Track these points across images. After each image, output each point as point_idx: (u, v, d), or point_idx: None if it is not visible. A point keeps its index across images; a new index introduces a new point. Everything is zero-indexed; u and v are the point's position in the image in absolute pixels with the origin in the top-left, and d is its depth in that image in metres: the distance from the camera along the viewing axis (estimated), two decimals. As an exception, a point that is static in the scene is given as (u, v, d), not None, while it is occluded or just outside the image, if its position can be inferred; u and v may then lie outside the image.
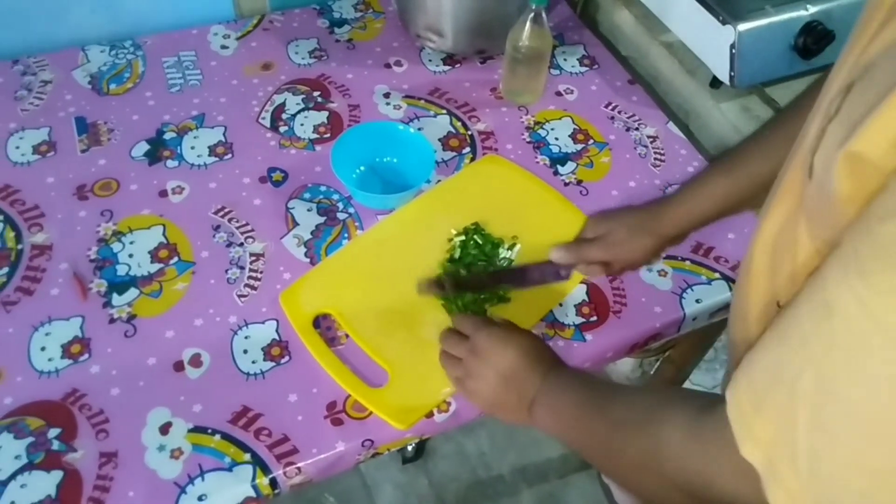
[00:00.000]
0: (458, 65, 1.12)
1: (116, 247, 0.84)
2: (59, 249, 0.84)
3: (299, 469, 0.70)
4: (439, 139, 1.01)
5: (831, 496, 0.36)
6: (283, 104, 1.03)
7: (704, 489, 0.43)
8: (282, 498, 0.71)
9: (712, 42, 0.93)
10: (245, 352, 0.77)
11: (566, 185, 0.97)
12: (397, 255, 0.86)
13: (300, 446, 0.70)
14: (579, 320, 0.83)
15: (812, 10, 0.90)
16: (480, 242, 0.86)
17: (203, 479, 0.68)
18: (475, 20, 1.04)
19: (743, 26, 0.89)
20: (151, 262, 0.83)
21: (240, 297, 0.81)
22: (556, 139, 1.02)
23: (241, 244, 0.86)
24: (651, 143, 1.03)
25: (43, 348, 0.75)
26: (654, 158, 1.01)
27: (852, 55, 0.40)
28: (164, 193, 0.90)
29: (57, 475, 0.67)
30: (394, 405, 0.73)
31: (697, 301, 0.85)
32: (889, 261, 0.31)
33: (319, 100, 1.04)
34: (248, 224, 0.88)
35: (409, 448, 1.47)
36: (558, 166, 0.99)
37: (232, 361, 0.76)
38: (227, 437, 0.71)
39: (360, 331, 0.78)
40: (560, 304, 0.84)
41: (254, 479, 0.68)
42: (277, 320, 0.79)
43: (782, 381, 0.37)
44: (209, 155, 0.95)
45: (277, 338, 0.78)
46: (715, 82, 0.99)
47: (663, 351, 1.18)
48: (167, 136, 0.97)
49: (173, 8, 1.12)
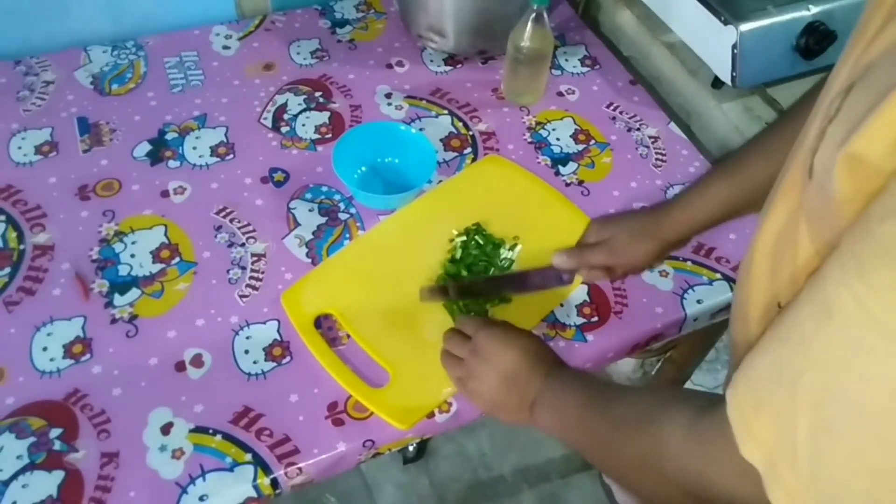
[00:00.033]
0: (460, 65, 1.12)
1: (118, 247, 0.85)
2: (60, 249, 0.84)
3: (300, 469, 0.70)
4: (441, 139, 1.01)
5: (833, 496, 0.36)
6: (285, 104, 1.03)
7: (705, 489, 0.43)
8: (283, 498, 0.71)
9: (714, 42, 0.93)
10: (246, 352, 0.77)
11: (567, 185, 0.97)
12: (399, 255, 0.86)
13: (301, 446, 0.70)
14: (580, 321, 0.83)
15: (814, 11, 0.90)
16: (482, 243, 0.86)
17: (204, 480, 0.68)
18: (477, 20, 1.04)
19: (745, 26, 0.89)
20: (153, 263, 0.83)
21: (241, 297, 0.81)
22: (558, 139, 1.02)
23: (243, 244, 0.86)
24: (652, 143, 1.03)
25: (45, 348, 0.76)
26: (656, 159, 1.01)
27: (852, 56, 0.40)
28: (165, 194, 0.91)
29: (58, 475, 0.67)
30: (395, 405, 0.73)
31: (699, 301, 0.85)
32: (888, 261, 0.31)
33: (321, 100, 1.04)
34: (249, 224, 0.88)
35: (411, 448, 1.47)
36: (559, 167, 0.99)
37: (233, 361, 0.76)
38: (228, 437, 0.71)
39: (362, 331, 0.78)
40: (561, 305, 0.84)
41: (255, 479, 0.68)
42: (279, 320, 0.80)
43: (782, 381, 0.37)
44: (211, 155, 0.95)
45: (279, 338, 0.78)
46: (717, 83, 0.99)
47: (664, 351, 1.18)
48: (169, 136, 0.97)
49: (175, 8, 1.13)
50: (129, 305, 0.80)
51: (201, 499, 0.67)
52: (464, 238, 0.87)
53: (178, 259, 0.84)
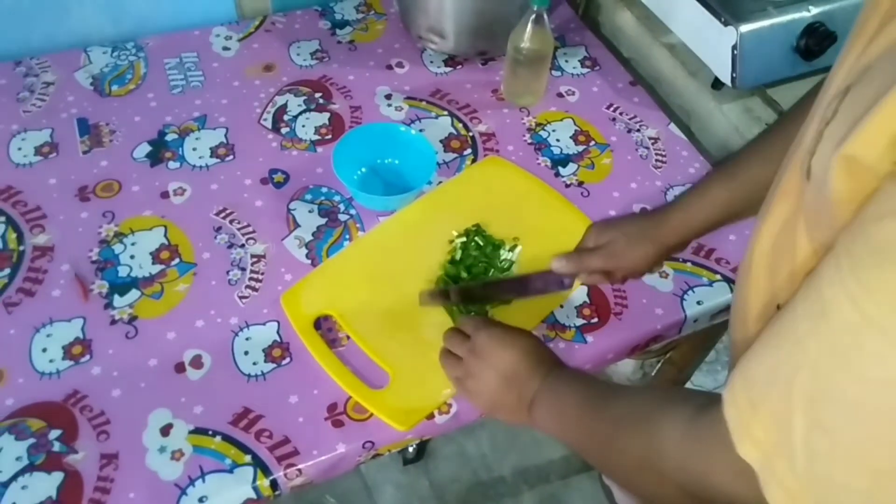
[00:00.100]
0: (460, 66, 1.12)
1: (118, 248, 0.85)
2: (60, 251, 0.84)
3: (300, 471, 0.70)
4: (440, 140, 1.01)
5: (830, 495, 0.36)
6: (285, 105, 1.03)
7: (703, 488, 0.43)
8: (282, 499, 0.71)
9: (714, 43, 0.93)
10: (246, 353, 0.77)
11: (567, 186, 0.97)
12: (398, 256, 0.86)
13: (301, 448, 0.70)
14: (580, 322, 0.83)
15: (814, 12, 0.90)
16: (481, 244, 0.86)
17: (204, 481, 0.68)
18: (477, 22, 1.04)
19: (745, 27, 0.89)
20: (153, 264, 0.83)
21: (241, 298, 0.81)
22: (558, 140, 1.02)
23: (243, 245, 0.86)
24: (652, 144, 1.03)
25: (44, 349, 0.76)
26: (656, 160, 1.01)
27: (849, 58, 0.40)
28: (165, 195, 0.91)
29: (58, 476, 0.67)
30: (394, 406, 0.73)
31: (699, 303, 0.85)
32: (882, 260, 0.31)
33: (321, 101, 1.04)
34: (249, 225, 0.88)
35: (410, 449, 1.47)
36: (559, 168, 0.99)
37: (233, 363, 0.76)
38: (227, 438, 0.71)
39: (361, 332, 0.78)
40: (561, 306, 0.84)
41: (254, 480, 0.68)
42: (278, 321, 0.80)
43: (778, 380, 0.37)
44: (211, 156, 0.95)
45: (278, 339, 0.78)
46: (717, 84, 0.99)
47: (664, 352, 1.18)
48: (169, 137, 0.97)
49: (175, 9, 1.13)
50: (128, 306, 0.80)
51: (201, 500, 0.67)
52: (464, 239, 0.87)
53: (177, 260, 0.84)
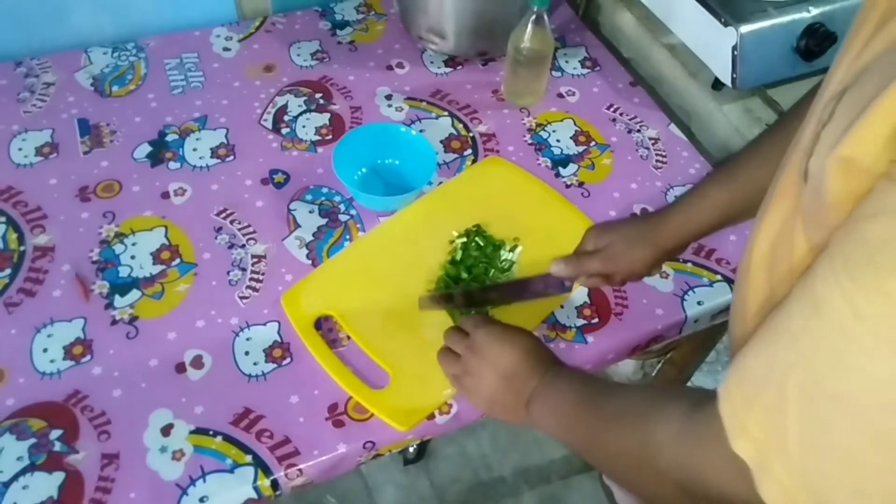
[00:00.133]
0: (460, 67, 1.12)
1: (118, 248, 0.85)
2: (61, 251, 0.84)
3: (301, 471, 0.70)
4: (441, 141, 1.01)
5: (825, 491, 0.36)
6: (285, 106, 1.03)
7: (699, 485, 0.44)
8: (283, 499, 0.72)
9: (714, 44, 0.93)
10: (246, 353, 0.77)
11: (567, 186, 0.97)
12: (399, 256, 0.86)
13: (301, 448, 0.70)
14: (580, 322, 0.83)
15: (814, 12, 0.90)
16: (482, 244, 0.86)
17: (204, 481, 0.68)
18: (477, 22, 1.04)
19: (745, 28, 0.89)
20: (153, 264, 0.84)
21: (241, 298, 0.81)
22: (558, 141, 1.02)
23: (243, 246, 0.86)
24: (653, 144, 1.03)
25: (45, 350, 0.76)
26: (656, 160, 1.01)
27: (846, 60, 0.40)
28: (166, 195, 0.91)
29: (59, 476, 0.67)
30: (395, 407, 0.73)
31: (699, 303, 0.85)
32: (875, 258, 0.32)
33: (321, 101, 1.04)
34: (249, 226, 0.88)
35: (411, 449, 1.47)
36: (560, 168, 0.99)
37: (233, 363, 0.76)
38: (228, 438, 0.71)
39: (362, 332, 0.78)
40: (561, 306, 0.84)
41: (255, 480, 0.68)
42: (279, 322, 0.80)
43: (773, 377, 0.37)
44: (211, 157, 0.96)
45: (279, 339, 0.78)
46: (717, 84, 0.99)
47: (665, 353, 1.18)
48: (169, 137, 0.97)
49: (175, 10, 1.13)
50: (129, 307, 0.80)
51: (201, 500, 0.67)
52: (464, 239, 0.87)
53: (178, 260, 0.84)
